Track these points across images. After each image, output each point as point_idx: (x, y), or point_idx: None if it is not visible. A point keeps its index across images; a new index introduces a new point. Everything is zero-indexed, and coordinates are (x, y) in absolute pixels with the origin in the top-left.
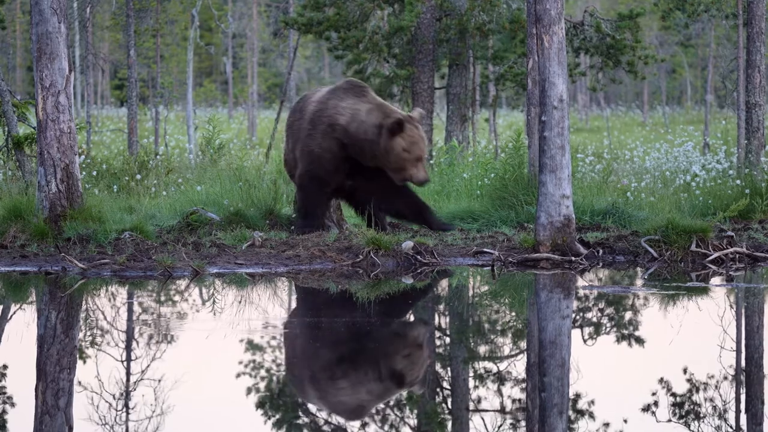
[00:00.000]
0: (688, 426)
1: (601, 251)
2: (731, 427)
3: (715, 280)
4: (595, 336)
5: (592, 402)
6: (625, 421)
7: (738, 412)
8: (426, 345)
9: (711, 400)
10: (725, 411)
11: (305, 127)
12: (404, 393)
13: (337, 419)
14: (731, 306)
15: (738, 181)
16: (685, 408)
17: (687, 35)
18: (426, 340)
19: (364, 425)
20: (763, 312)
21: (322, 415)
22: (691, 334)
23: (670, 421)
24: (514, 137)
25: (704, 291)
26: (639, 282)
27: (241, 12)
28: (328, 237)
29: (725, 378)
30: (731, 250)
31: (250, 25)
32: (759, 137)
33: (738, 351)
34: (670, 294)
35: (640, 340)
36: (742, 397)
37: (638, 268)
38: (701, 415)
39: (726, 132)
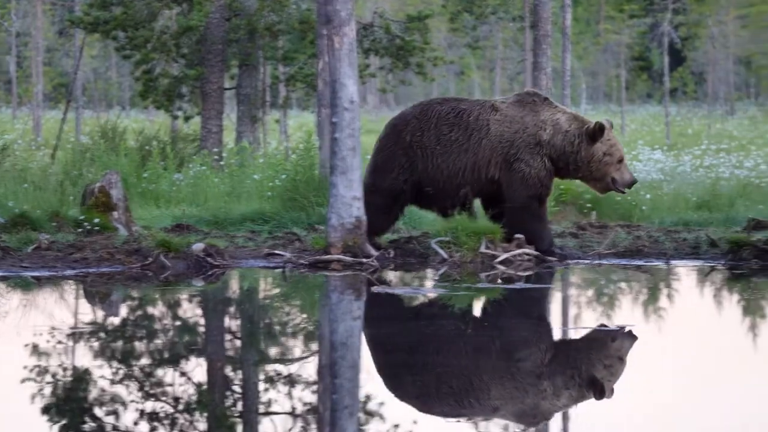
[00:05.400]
0: (476, 425)
1: (392, 252)
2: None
3: (503, 281)
4: (384, 338)
5: (382, 403)
6: (415, 421)
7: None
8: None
9: (511, 397)
10: (502, 407)
11: (503, 151)
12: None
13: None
14: (516, 305)
15: None
16: (474, 405)
17: (475, 37)
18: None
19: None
20: (549, 312)
21: (109, 420)
22: (481, 334)
23: (458, 421)
24: (305, 138)
25: (492, 291)
26: (430, 283)
27: (25, 10)
28: (116, 239)
29: (512, 376)
30: (520, 251)
31: (34, 23)
32: None
33: (536, 349)
34: (460, 294)
35: (431, 341)
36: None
37: (429, 270)
38: (491, 410)
39: None
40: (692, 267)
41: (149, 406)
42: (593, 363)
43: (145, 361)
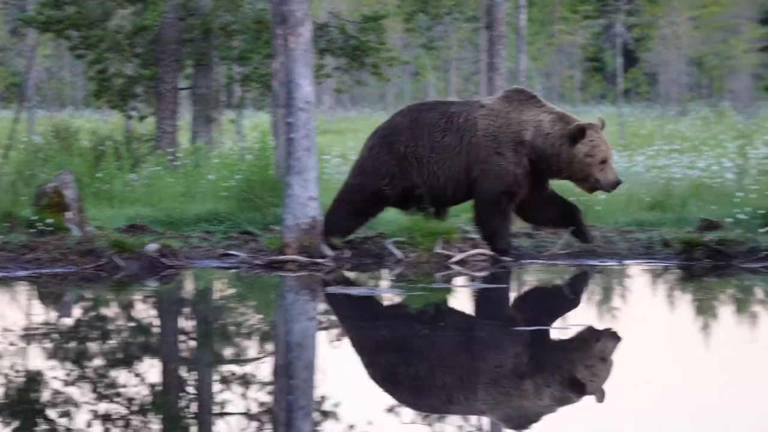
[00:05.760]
0: (431, 425)
1: (348, 253)
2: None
3: (459, 281)
4: (340, 338)
5: (338, 404)
6: (370, 422)
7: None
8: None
9: (451, 400)
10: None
11: (486, 144)
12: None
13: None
14: (470, 304)
15: None
16: (433, 409)
17: (430, 38)
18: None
19: None
20: (504, 311)
21: (62, 421)
22: (436, 333)
23: (414, 422)
24: (260, 138)
25: (448, 291)
26: (385, 283)
27: None
28: (70, 240)
29: (468, 378)
30: (475, 251)
31: None
32: None
33: (487, 348)
34: (415, 294)
35: (388, 340)
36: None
37: (385, 270)
38: (445, 413)
39: None
40: (645, 267)
41: (102, 407)
42: (556, 361)
43: (97, 362)
